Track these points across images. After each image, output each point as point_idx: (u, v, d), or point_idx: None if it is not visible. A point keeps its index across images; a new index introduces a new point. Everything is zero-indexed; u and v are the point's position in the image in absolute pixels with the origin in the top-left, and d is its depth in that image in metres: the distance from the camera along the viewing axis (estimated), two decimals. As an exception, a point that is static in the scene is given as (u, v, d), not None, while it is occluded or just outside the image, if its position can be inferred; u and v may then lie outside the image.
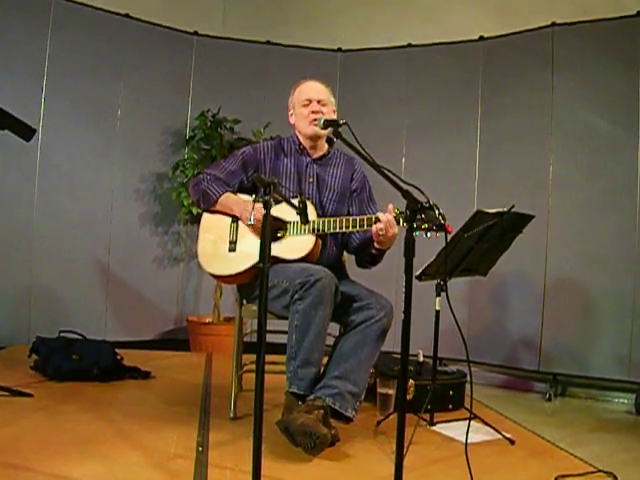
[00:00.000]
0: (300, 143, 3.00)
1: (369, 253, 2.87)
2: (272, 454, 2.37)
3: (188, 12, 5.35)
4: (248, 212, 2.75)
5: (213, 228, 2.94)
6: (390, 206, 2.64)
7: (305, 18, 5.50)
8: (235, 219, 2.90)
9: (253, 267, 2.75)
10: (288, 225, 2.80)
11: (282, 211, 2.74)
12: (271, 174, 2.93)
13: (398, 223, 2.61)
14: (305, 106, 2.93)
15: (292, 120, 3.04)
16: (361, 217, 2.71)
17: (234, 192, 2.93)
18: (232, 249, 2.86)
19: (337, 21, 5.43)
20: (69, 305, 4.58)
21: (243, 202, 2.86)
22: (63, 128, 4.56)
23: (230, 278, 2.88)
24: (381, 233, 2.63)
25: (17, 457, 2.21)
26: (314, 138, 2.97)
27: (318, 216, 2.80)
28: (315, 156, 3.01)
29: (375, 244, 2.74)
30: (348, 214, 3.02)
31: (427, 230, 2.36)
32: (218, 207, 2.91)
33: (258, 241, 1.94)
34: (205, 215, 2.99)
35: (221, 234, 2.90)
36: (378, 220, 2.63)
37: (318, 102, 2.91)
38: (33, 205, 4.47)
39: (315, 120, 2.79)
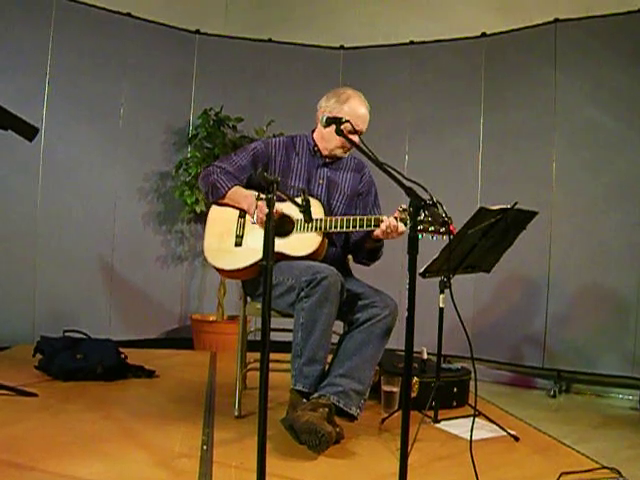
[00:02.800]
0: (315, 145, 2.99)
1: (366, 249, 2.90)
2: (277, 452, 2.38)
3: (190, 10, 5.34)
4: (254, 209, 2.76)
5: (220, 221, 2.93)
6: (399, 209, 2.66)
7: (307, 16, 5.49)
8: (243, 213, 2.90)
9: (258, 263, 2.75)
10: (295, 222, 2.79)
11: (289, 210, 2.75)
12: (280, 171, 2.93)
13: (405, 224, 2.62)
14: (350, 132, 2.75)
15: (321, 124, 2.81)
16: (368, 217, 2.71)
17: (243, 186, 2.93)
18: (238, 243, 2.85)
19: (339, 19, 5.42)
20: (73, 304, 4.58)
21: (251, 196, 2.86)
22: (66, 127, 4.56)
23: (235, 273, 2.87)
24: (388, 231, 2.65)
25: (22, 456, 2.21)
26: (336, 156, 2.98)
27: (325, 213, 2.79)
28: (327, 160, 3.01)
29: (374, 235, 2.74)
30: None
31: (433, 233, 2.37)
32: (227, 200, 2.91)
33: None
34: (213, 208, 2.99)
35: (228, 228, 2.90)
36: (382, 221, 2.64)
37: (360, 134, 2.81)
38: (36, 204, 4.47)
39: (349, 150, 2.91)
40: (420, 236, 1.87)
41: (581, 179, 4.20)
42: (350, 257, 3.14)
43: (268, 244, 1.88)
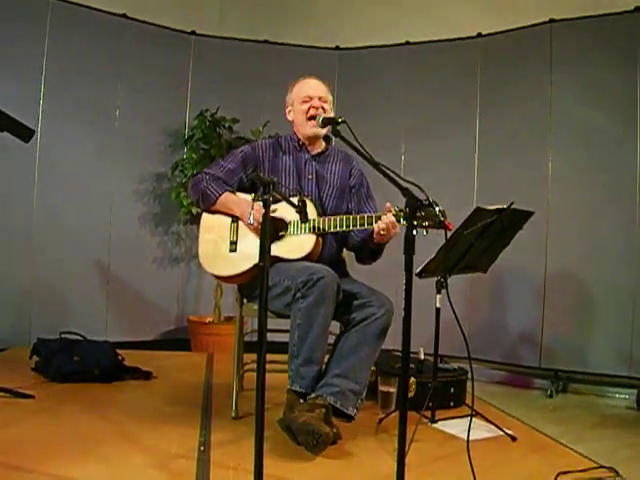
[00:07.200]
0: (299, 140, 3.00)
1: (368, 249, 2.88)
2: (274, 453, 2.37)
3: (185, 12, 5.34)
4: (248, 213, 2.75)
5: (213, 228, 2.93)
6: (388, 205, 2.63)
7: (303, 17, 5.50)
8: (235, 219, 2.89)
9: (254, 267, 2.75)
10: (289, 225, 2.79)
11: (283, 210, 2.74)
12: (270, 171, 2.93)
13: (399, 221, 2.61)
14: (305, 102, 2.92)
15: (290, 117, 3.04)
16: (362, 215, 2.71)
17: (233, 191, 2.92)
18: (233, 249, 2.85)
19: (335, 19, 5.42)
20: (70, 306, 4.57)
21: (243, 202, 2.85)
22: (62, 129, 4.56)
23: (232, 278, 2.88)
24: (383, 233, 2.64)
25: (19, 458, 2.21)
26: (313, 136, 2.97)
27: (318, 214, 2.79)
28: (314, 153, 3.02)
29: (374, 239, 2.73)
30: (347, 210, 3.03)
31: (427, 227, 2.36)
32: (218, 207, 2.90)
33: (259, 241, 1.93)
34: (205, 215, 2.98)
35: (221, 234, 2.90)
36: (379, 218, 2.63)
37: (319, 99, 2.91)
38: (33, 206, 4.47)
39: (314, 117, 2.80)
40: (415, 231, 1.86)
41: (577, 179, 4.21)
42: (346, 257, 3.14)
43: (264, 245, 1.88)
